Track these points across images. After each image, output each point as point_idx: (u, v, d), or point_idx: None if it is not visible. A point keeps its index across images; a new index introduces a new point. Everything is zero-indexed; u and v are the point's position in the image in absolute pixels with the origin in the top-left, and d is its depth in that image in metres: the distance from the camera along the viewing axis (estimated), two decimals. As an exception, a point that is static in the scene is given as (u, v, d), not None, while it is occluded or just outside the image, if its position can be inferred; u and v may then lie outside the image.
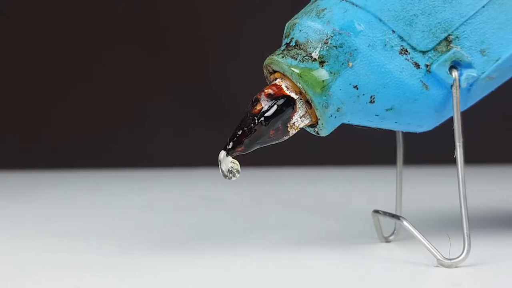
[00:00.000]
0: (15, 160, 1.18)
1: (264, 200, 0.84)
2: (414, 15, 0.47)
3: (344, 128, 0.53)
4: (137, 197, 0.89)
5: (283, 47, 0.48)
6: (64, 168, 1.16)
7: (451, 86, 0.48)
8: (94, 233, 0.62)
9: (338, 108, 0.47)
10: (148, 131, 1.22)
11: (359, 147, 1.13)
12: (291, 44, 0.48)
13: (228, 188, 0.92)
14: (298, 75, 0.47)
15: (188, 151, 1.19)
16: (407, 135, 0.55)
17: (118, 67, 1.22)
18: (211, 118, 1.19)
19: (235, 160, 0.48)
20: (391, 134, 0.55)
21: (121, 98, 1.22)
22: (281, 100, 0.47)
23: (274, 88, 0.47)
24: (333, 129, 0.48)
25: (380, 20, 0.47)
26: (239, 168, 0.48)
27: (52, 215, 0.74)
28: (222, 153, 0.47)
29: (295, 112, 0.47)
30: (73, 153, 1.20)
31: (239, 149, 0.47)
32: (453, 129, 0.48)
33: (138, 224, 0.67)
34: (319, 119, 0.47)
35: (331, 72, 0.47)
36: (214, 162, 0.49)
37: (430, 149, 1.00)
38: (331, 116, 0.47)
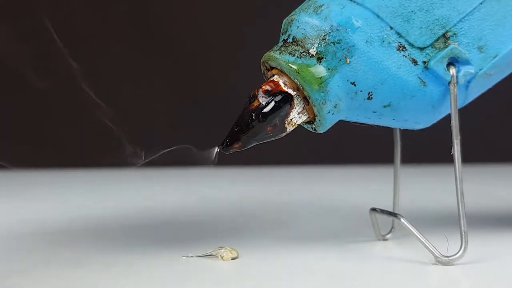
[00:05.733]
0: (15, 159, 1.18)
1: (262, 199, 0.84)
2: (412, 11, 0.47)
3: (341, 126, 0.53)
4: (136, 196, 0.89)
5: (280, 44, 0.48)
6: (64, 168, 1.15)
7: (449, 82, 0.48)
8: (93, 232, 0.62)
9: (336, 104, 0.47)
10: (148, 131, 1.22)
11: (356, 145, 1.13)
12: (288, 41, 0.48)
13: (226, 187, 0.92)
14: (296, 72, 0.47)
15: (188, 151, 1.19)
16: (404, 133, 0.55)
17: (118, 67, 1.22)
18: (211, 118, 1.19)
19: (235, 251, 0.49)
20: (389, 132, 0.55)
21: (121, 98, 1.22)
22: (278, 96, 0.47)
23: (271, 84, 0.47)
24: (331, 125, 0.48)
25: (378, 16, 0.47)
26: (233, 256, 0.49)
27: (51, 215, 0.74)
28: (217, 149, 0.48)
29: (292, 108, 0.47)
30: (73, 153, 1.20)
31: (237, 145, 0.47)
32: (451, 126, 0.48)
33: (137, 223, 0.67)
34: (316, 116, 0.47)
35: (328, 69, 0.47)
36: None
37: (427, 148, 1.00)
38: (328, 112, 0.47)
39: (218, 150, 0.48)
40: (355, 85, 0.47)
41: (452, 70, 0.48)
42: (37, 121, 1.22)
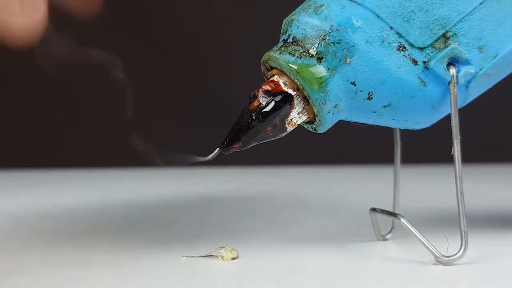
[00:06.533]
0: (14, 159, 1.18)
1: (262, 199, 0.84)
2: (412, 11, 0.47)
3: (341, 126, 0.53)
4: (136, 196, 0.89)
5: (280, 44, 0.48)
6: (64, 168, 1.16)
7: (449, 83, 0.48)
8: (93, 232, 0.62)
9: (336, 104, 0.47)
10: (148, 131, 1.21)
11: (356, 146, 1.13)
12: (288, 41, 0.48)
13: (226, 188, 0.92)
14: (296, 72, 0.47)
15: (188, 151, 1.19)
16: (404, 134, 0.55)
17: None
18: (211, 118, 1.19)
19: (235, 251, 0.50)
20: (389, 132, 0.55)
21: (121, 98, 1.22)
22: (278, 96, 0.47)
23: (271, 84, 0.47)
24: (331, 125, 0.48)
25: (378, 16, 0.47)
26: (233, 256, 0.49)
27: (51, 214, 0.74)
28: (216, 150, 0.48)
29: (292, 108, 0.47)
30: (73, 153, 1.20)
31: (236, 145, 0.47)
32: (451, 127, 0.48)
33: (137, 223, 0.67)
34: (316, 116, 0.47)
35: (328, 69, 0.47)
36: (213, 162, 0.49)
37: (428, 148, 1.00)
38: (328, 112, 0.47)
39: (219, 150, 0.48)
40: (355, 85, 0.47)
41: (452, 70, 0.48)
42: (37, 121, 1.22)
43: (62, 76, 1.21)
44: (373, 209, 0.55)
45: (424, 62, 0.47)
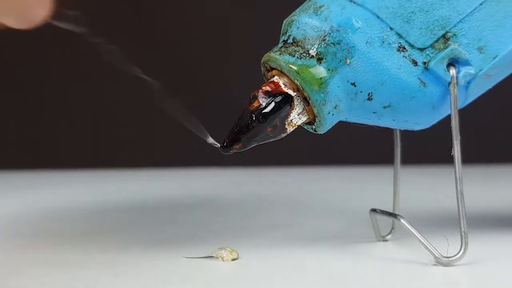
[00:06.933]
0: (14, 160, 1.18)
1: (262, 199, 0.84)
2: (412, 12, 0.47)
3: (341, 127, 0.53)
4: (135, 196, 0.89)
5: (280, 44, 0.48)
6: (63, 168, 1.15)
7: (449, 83, 0.48)
8: (93, 232, 0.62)
9: (336, 105, 0.47)
10: (148, 131, 1.21)
11: (356, 146, 1.13)
12: (288, 41, 0.48)
13: (226, 188, 0.92)
14: (296, 72, 0.47)
15: (188, 151, 1.19)
16: (404, 134, 0.55)
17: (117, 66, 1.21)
18: (211, 119, 1.19)
19: (236, 252, 0.50)
20: (389, 133, 0.55)
21: (121, 98, 1.22)
22: (278, 97, 0.47)
23: (271, 85, 0.47)
24: (331, 126, 0.48)
25: (378, 17, 0.47)
26: (233, 257, 0.49)
27: (50, 215, 0.74)
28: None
29: (292, 109, 0.47)
30: (71, 153, 1.20)
31: (237, 146, 0.47)
32: (451, 127, 0.48)
33: (137, 223, 0.67)
34: (316, 117, 0.47)
35: (328, 69, 0.47)
36: (213, 162, 0.49)
37: (427, 149, 1.00)
38: (328, 113, 0.47)
39: (219, 146, 0.48)
40: (355, 85, 0.47)
41: (452, 71, 0.48)
42: (37, 121, 1.22)
43: (61, 75, 1.21)
44: (373, 210, 0.55)
45: (424, 63, 0.47)
